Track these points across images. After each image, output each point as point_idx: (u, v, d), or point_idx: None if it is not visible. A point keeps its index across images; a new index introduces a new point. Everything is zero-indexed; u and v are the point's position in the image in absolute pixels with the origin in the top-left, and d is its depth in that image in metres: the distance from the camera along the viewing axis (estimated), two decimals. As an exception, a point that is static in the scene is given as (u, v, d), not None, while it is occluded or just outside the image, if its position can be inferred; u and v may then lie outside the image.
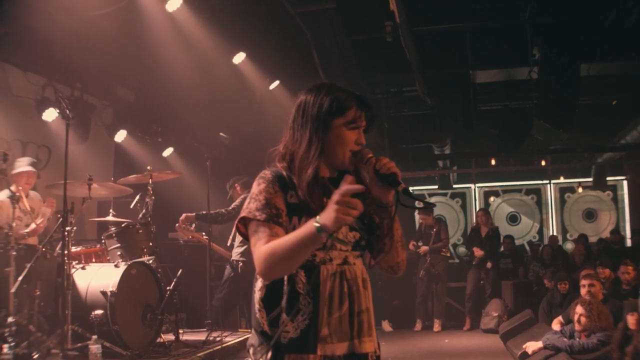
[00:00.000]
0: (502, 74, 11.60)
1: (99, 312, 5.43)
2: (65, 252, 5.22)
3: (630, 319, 5.40)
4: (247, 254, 7.91)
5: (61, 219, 5.38)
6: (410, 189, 4.48)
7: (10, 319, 4.94)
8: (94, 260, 6.44)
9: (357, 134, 2.43)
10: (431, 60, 10.46)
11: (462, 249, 16.96)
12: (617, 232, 14.29)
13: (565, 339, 6.24)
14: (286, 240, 2.18)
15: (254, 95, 10.19)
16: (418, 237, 11.28)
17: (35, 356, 4.96)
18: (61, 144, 8.10)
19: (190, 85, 8.84)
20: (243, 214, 2.32)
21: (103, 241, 6.55)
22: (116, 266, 5.75)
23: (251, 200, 2.36)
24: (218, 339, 6.42)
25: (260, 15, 8.89)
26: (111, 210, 6.58)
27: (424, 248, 10.87)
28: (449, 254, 11.41)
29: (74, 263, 5.71)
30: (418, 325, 10.81)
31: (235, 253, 7.96)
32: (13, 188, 5.91)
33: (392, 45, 9.15)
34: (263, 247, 2.21)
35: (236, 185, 8.41)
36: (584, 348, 5.91)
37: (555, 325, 7.30)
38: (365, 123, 2.47)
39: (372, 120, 2.50)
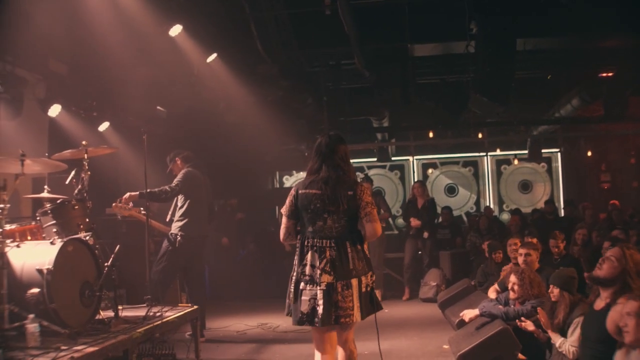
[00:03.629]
0: (439, 47, 11.69)
1: (35, 290, 5.31)
2: (-1, 230, 5.10)
3: (552, 291, 5.59)
4: (186, 228, 7.87)
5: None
6: (350, 161, 4.87)
7: (-58, 300, 4.82)
8: (29, 238, 6.28)
9: None
10: (369, 33, 10.46)
11: (400, 221, 17.18)
12: (551, 202, 14.68)
13: (500, 307, 6.41)
14: None
15: (191, 68, 10.06)
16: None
17: (-30, 337, 4.85)
18: (-8, 119, 7.90)
19: (126, 58, 8.65)
20: (374, 208, 4.68)
21: (38, 218, 6.38)
22: (52, 243, 5.62)
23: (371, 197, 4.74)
24: (158, 314, 6.36)
25: (197, -13, 8.76)
26: (46, 187, 6.40)
27: None
28: (384, 225, 11.53)
29: (8, 241, 5.56)
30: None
31: (175, 227, 7.90)
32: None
33: (330, 19, 9.13)
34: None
35: (177, 158, 8.32)
36: (518, 314, 6.09)
37: (492, 293, 7.49)
38: None
39: None
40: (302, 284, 4.56)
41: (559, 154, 19.01)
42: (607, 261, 4.53)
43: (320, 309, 4.44)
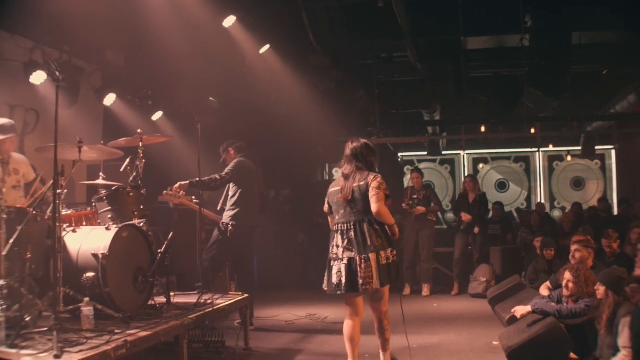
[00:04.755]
0: (493, 40, 11.56)
1: (90, 274, 5.42)
2: (57, 215, 5.19)
3: (598, 288, 5.51)
4: (237, 218, 7.92)
5: (52, 182, 5.32)
6: (400, 154, 5.02)
7: (1, 282, 4.91)
8: (84, 223, 6.41)
9: None
10: (423, 26, 10.39)
11: (450, 215, 17.05)
12: (605, 200, 14.41)
13: (553, 304, 6.31)
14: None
15: (243, 59, 10.11)
16: (404, 197, 11.18)
17: (27, 319, 4.94)
18: (49, 107, 8.06)
19: (180, 48, 8.75)
20: (382, 190, 5.49)
21: (94, 204, 6.50)
22: (107, 229, 5.73)
23: (382, 185, 5.51)
24: (209, 301, 6.44)
25: (251, -22, 8.81)
26: (101, 174, 6.50)
27: (421, 209, 10.84)
28: (435, 219, 11.44)
29: (64, 226, 5.68)
30: (407, 290, 10.93)
31: (226, 216, 7.95)
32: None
33: (383, 11, 9.08)
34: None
35: (230, 148, 8.36)
36: (572, 313, 5.98)
37: (544, 290, 7.37)
38: None
39: None
40: (332, 262, 5.59)
41: (613, 150, 18.62)
42: None
43: (343, 280, 5.46)
